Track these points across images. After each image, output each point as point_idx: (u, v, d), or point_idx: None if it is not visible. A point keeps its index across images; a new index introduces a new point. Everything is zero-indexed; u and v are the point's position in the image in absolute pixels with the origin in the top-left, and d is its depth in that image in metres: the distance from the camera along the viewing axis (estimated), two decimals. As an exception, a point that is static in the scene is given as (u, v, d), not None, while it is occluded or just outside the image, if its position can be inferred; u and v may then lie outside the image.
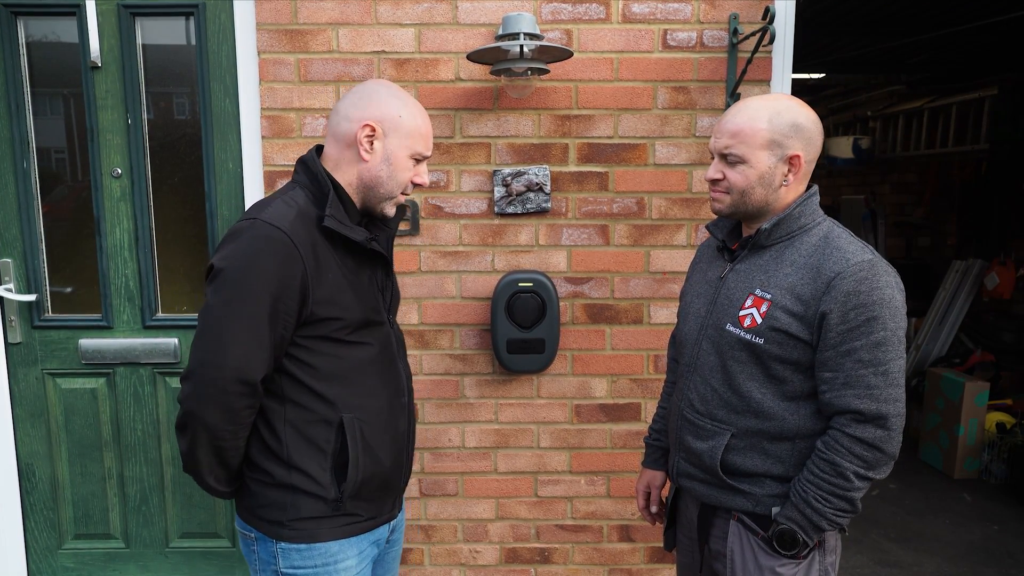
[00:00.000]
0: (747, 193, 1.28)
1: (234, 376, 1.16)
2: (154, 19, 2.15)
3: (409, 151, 1.30)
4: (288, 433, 1.25)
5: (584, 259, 2.18)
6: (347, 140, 1.28)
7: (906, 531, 3.17)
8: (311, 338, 1.24)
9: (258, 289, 1.16)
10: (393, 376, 1.37)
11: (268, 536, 1.28)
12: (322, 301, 1.22)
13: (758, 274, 1.30)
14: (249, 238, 1.18)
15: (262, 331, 1.17)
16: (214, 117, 2.16)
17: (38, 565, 2.36)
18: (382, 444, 1.32)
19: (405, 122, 1.28)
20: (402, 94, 1.31)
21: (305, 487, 1.26)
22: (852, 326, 1.19)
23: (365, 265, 1.32)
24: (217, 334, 1.17)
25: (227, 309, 1.17)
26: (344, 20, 2.07)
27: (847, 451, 1.20)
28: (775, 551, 1.27)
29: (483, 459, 2.27)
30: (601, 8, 2.07)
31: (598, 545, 2.31)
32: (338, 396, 1.27)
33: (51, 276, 2.26)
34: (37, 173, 2.20)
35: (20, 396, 2.28)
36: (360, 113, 1.27)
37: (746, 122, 1.26)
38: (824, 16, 3.64)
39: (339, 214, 1.25)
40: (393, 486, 1.39)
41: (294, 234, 1.19)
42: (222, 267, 1.18)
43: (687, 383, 1.41)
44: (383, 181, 1.29)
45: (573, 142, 2.14)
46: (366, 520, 1.33)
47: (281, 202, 1.24)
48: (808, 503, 1.23)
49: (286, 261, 1.18)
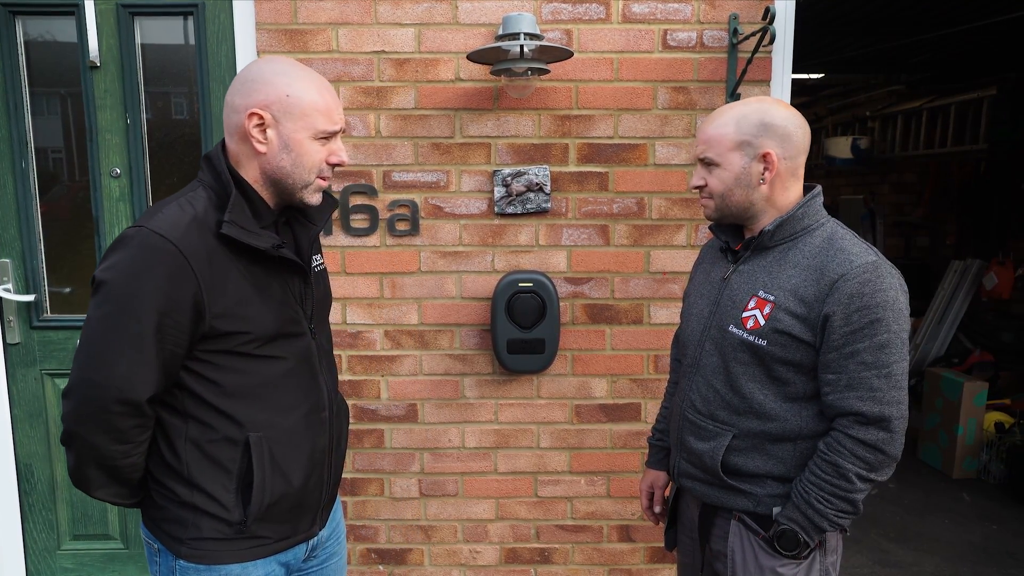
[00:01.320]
0: (726, 196, 1.31)
1: (115, 396, 1.07)
2: (153, 19, 2.14)
3: (309, 132, 1.15)
4: (189, 451, 1.16)
5: (584, 259, 2.18)
6: (239, 133, 1.15)
7: (905, 531, 3.17)
8: (214, 352, 1.14)
9: (142, 305, 1.06)
10: (312, 390, 1.26)
11: (169, 551, 1.20)
12: (223, 315, 1.11)
13: (761, 275, 1.30)
14: (135, 249, 1.07)
15: (147, 349, 1.07)
16: (213, 117, 2.16)
17: (37, 566, 2.36)
18: (295, 464, 1.22)
19: (295, 101, 1.13)
20: (291, 70, 1.15)
21: (207, 508, 1.16)
22: (855, 328, 1.19)
23: (276, 273, 1.19)
24: (97, 351, 1.08)
25: (108, 324, 1.07)
26: (344, 20, 2.07)
27: (850, 453, 1.20)
28: (776, 551, 1.27)
29: (483, 459, 2.26)
30: (601, 8, 2.07)
31: (598, 545, 2.30)
32: (244, 414, 1.16)
33: (50, 276, 2.25)
34: (36, 173, 2.19)
35: (19, 397, 2.27)
36: (244, 101, 1.14)
37: (714, 128, 1.31)
38: (824, 16, 3.64)
39: (241, 218, 1.12)
40: (309, 505, 1.28)
41: (185, 245, 1.07)
42: (104, 279, 1.07)
43: (689, 384, 1.41)
44: (288, 171, 1.16)
45: (573, 142, 2.13)
46: (276, 542, 1.23)
47: (176, 206, 1.12)
48: (810, 504, 1.23)
49: (175, 275, 1.07)
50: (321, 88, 1.17)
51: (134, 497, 1.22)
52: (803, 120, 1.31)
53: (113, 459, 1.13)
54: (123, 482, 1.18)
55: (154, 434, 1.17)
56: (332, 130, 1.18)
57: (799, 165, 1.31)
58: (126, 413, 1.10)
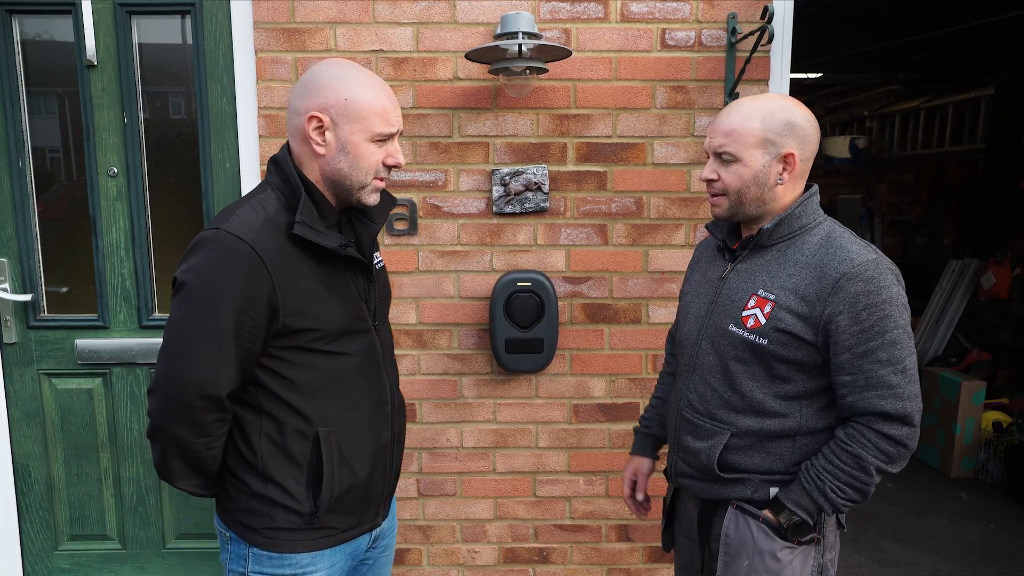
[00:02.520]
0: (742, 193, 1.28)
1: (197, 392, 1.13)
2: (150, 17, 2.13)
3: (367, 135, 1.19)
4: (264, 445, 1.22)
5: (583, 259, 2.18)
6: (300, 135, 1.20)
7: (904, 530, 3.18)
8: (286, 348, 1.19)
9: (222, 305, 1.11)
10: (377, 385, 1.31)
11: (242, 539, 1.26)
12: (295, 313, 1.16)
13: (760, 274, 1.30)
14: (212, 250, 1.12)
15: (226, 346, 1.13)
16: (211, 116, 2.15)
17: (34, 567, 2.35)
18: (361, 457, 1.27)
19: (353, 105, 1.17)
20: (350, 72, 1.19)
21: (280, 500, 1.22)
22: (865, 327, 1.19)
23: (343, 271, 1.25)
24: (180, 350, 1.13)
25: (190, 324, 1.12)
26: (342, 19, 2.06)
27: (873, 447, 1.21)
28: (786, 539, 1.27)
29: (481, 459, 2.26)
30: (599, 7, 2.07)
31: (596, 545, 2.30)
32: (314, 409, 1.22)
33: (47, 276, 2.24)
34: (32, 172, 2.19)
35: (15, 397, 2.26)
36: (304, 103, 1.18)
37: (739, 121, 1.26)
38: (822, 16, 3.64)
39: (311, 219, 1.17)
40: (374, 497, 1.33)
41: (259, 245, 1.12)
42: (185, 280, 1.13)
43: (686, 383, 1.41)
44: (346, 173, 1.20)
45: (571, 141, 2.13)
46: (342, 532, 1.29)
47: (249, 208, 1.17)
48: (823, 492, 1.23)
49: (251, 275, 1.12)
50: (379, 91, 1.20)
51: (210, 488, 1.28)
52: (817, 121, 1.30)
53: (196, 451, 1.19)
54: (203, 473, 1.24)
55: (230, 429, 1.23)
56: (389, 132, 1.21)
57: (809, 167, 1.31)
58: (208, 407, 1.15)
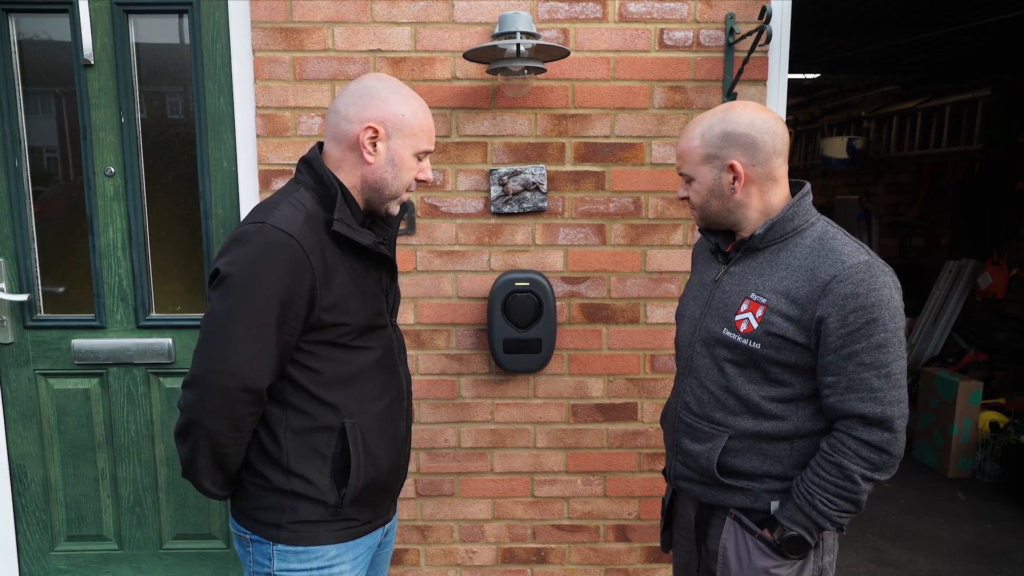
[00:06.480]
0: (705, 207, 1.34)
1: (239, 384, 1.14)
2: (147, 17, 2.13)
3: (413, 149, 1.27)
4: (289, 439, 1.23)
5: (581, 259, 2.18)
6: (348, 142, 1.24)
7: (901, 530, 3.18)
8: (316, 343, 1.22)
9: (266, 296, 1.13)
10: (394, 379, 1.35)
11: (264, 538, 1.26)
12: (329, 307, 1.20)
13: (752, 277, 1.30)
14: (258, 243, 1.15)
15: (269, 339, 1.15)
16: (208, 116, 2.15)
17: (30, 567, 2.34)
18: (382, 449, 1.31)
19: (409, 121, 1.25)
20: (403, 90, 1.27)
21: (305, 492, 1.24)
22: (852, 329, 1.19)
23: (371, 268, 1.30)
24: (222, 341, 1.14)
25: (233, 316, 1.14)
26: (340, 18, 2.06)
27: (854, 454, 1.20)
28: (783, 556, 1.27)
29: (479, 459, 2.26)
30: (598, 7, 2.07)
31: (595, 545, 2.30)
32: (341, 401, 1.25)
33: (43, 276, 2.24)
34: (29, 172, 2.18)
35: (12, 397, 2.25)
36: (361, 113, 1.23)
37: (685, 143, 1.34)
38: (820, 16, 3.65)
39: (347, 217, 1.22)
40: (390, 490, 1.37)
41: (304, 240, 1.16)
42: (229, 272, 1.14)
43: (683, 386, 1.41)
44: (388, 182, 1.26)
45: (570, 141, 2.13)
46: (363, 524, 1.32)
47: (288, 204, 1.20)
48: (814, 506, 1.23)
49: (296, 268, 1.15)
50: (426, 110, 1.29)
51: (228, 488, 1.29)
52: (774, 123, 1.27)
53: (225, 446, 1.19)
54: (226, 471, 1.24)
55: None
56: (430, 150, 1.30)
57: (774, 168, 1.28)
58: (248, 401, 1.16)
